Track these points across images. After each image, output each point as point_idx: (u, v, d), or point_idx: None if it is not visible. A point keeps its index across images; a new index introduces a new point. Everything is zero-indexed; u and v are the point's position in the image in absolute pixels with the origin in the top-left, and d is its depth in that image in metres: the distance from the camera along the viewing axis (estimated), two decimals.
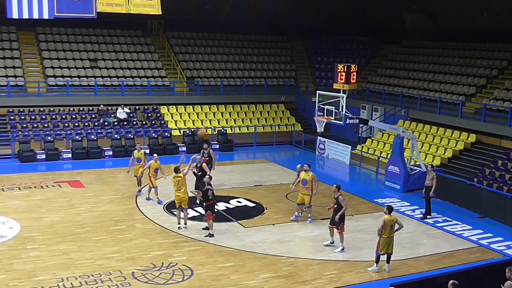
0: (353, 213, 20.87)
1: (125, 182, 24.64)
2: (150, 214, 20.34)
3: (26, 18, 24.76)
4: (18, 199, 21.68)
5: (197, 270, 15.57)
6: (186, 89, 36.55)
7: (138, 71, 35.96)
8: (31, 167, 27.06)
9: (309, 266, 16.31)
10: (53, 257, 16.14)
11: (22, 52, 34.87)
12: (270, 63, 40.45)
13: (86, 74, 34.56)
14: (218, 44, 40.20)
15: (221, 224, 19.58)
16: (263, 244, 17.76)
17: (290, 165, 27.86)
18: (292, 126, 35.57)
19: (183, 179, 18.85)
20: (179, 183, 18.71)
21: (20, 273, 14.99)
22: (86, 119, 32.20)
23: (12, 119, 30.83)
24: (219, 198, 22.31)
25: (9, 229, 18.32)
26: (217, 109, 35.57)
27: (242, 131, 34.35)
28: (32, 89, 32.82)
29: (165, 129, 32.60)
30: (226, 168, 28.26)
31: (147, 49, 37.93)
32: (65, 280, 14.64)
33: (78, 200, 21.87)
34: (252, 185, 24.95)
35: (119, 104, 32.78)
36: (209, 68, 38.25)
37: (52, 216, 19.76)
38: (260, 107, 36.86)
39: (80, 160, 28.51)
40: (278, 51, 41.87)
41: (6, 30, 35.49)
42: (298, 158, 27.52)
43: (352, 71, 24.96)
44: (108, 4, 25.28)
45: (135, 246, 17.16)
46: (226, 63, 39.02)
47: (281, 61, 41.22)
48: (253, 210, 21.38)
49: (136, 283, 14.69)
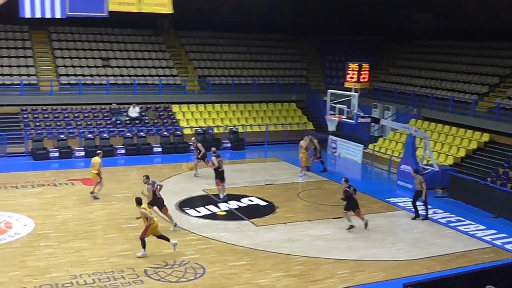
0: (365, 212, 20.82)
1: (137, 181, 24.69)
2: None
3: (39, 17, 24.96)
4: (32, 197, 21.83)
5: (209, 268, 15.60)
6: (198, 87, 36.62)
7: (150, 70, 36.07)
8: (44, 165, 27.22)
9: (320, 265, 16.30)
10: (66, 254, 16.23)
11: (35, 51, 35.06)
12: (281, 61, 40.42)
13: (98, 72, 34.71)
14: (229, 43, 40.20)
15: (233, 222, 19.60)
16: (274, 243, 17.76)
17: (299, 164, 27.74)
18: (304, 125, 35.55)
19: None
20: None
21: (34, 270, 15.09)
22: (98, 118, 32.35)
23: (25, 117, 31.03)
24: (231, 196, 22.39)
25: (23, 226, 18.45)
26: (229, 108, 35.62)
27: (254, 130, 34.37)
28: (45, 87, 33.02)
29: (176, 127, 32.69)
30: (237, 167, 28.27)
31: (158, 48, 38.02)
32: (78, 277, 14.72)
33: (91, 198, 21.95)
34: (263, 184, 24.96)
35: (131, 103, 32.90)
36: (220, 67, 38.28)
37: (65, 213, 19.88)
38: (271, 105, 36.87)
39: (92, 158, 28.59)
40: (289, 50, 41.84)
41: (19, 29, 35.70)
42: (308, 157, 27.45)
43: (363, 70, 24.93)
44: (120, 3, 25.37)
45: (147, 244, 17.18)
46: (237, 62, 39.03)
47: (292, 59, 41.19)
48: (265, 209, 21.38)
49: (149, 280, 14.74)
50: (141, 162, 28.40)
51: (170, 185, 24.04)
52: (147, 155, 29.95)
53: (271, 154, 31.71)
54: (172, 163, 28.50)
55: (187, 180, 25.13)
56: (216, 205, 21.29)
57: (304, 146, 26.12)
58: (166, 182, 24.67)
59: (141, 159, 29.13)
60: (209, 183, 24.45)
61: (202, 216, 20.08)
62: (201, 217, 19.98)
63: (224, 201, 21.69)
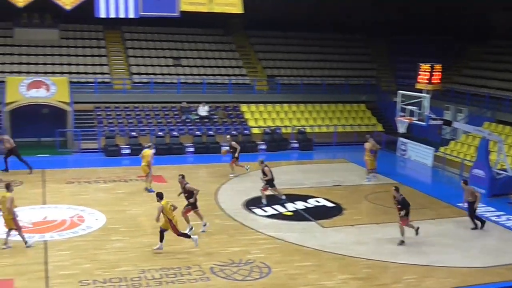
0: (434, 217, 20.37)
1: (205, 178, 25.04)
2: (229, 210, 20.55)
3: (113, 17, 25.65)
4: (103, 192, 22.44)
5: (274, 268, 15.59)
6: (266, 87, 36.72)
7: (220, 69, 36.46)
8: (116, 161, 27.93)
9: (387, 269, 16.02)
10: (135, 249, 16.59)
11: (108, 50, 36.07)
12: (351, 61, 40.02)
13: (169, 71, 35.36)
14: (299, 42, 40.11)
15: (299, 223, 19.54)
16: (341, 245, 17.58)
17: None
18: (373, 126, 35.08)
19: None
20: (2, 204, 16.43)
21: (105, 263, 15.48)
22: (168, 116, 32.93)
23: (98, 114, 31.94)
24: (298, 197, 22.33)
25: (95, 220, 18.99)
26: (297, 108, 35.56)
27: (322, 130, 34.17)
28: (117, 86, 33.93)
29: (245, 126, 32.89)
30: (304, 167, 28.18)
31: (228, 48, 38.37)
32: (147, 272, 15.00)
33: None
34: (331, 185, 24.75)
35: (201, 102, 33.32)
36: (289, 66, 38.27)
37: (135, 209, 20.32)
38: (340, 106, 36.57)
39: (163, 155, 29.16)
40: (360, 49, 41.40)
41: (93, 29, 36.82)
42: (378, 159, 27.04)
43: (436, 70, 24.38)
44: (191, 3, 25.77)
45: (214, 242, 17.38)
46: (307, 62, 38.90)
47: (363, 59, 40.72)
48: (332, 210, 21.21)
49: (215, 278, 14.87)
50: (209, 160, 28.73)
51: (238, 184, 24.23)
52: (216, 153, 30.24)
53: (339, 155, 31.43)
54: (239, 161, 28.63)
55: (254, 179, 25.19)
56: (282, 205, 21.27)
57: (368, 148, 25.66)
58: (234, 180, 24.90)
59: (210, 157, 29.45)
60: (276, 182, 24.44)
61: (268, 216, 20.10)
62: (268, 217, 20.00)
63: (266, 205, 21.14)
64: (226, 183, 24.15)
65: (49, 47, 35.14)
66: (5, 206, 16.20)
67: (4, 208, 16.23)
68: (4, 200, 16.25)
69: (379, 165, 26.20)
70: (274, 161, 29.52)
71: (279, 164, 28.83)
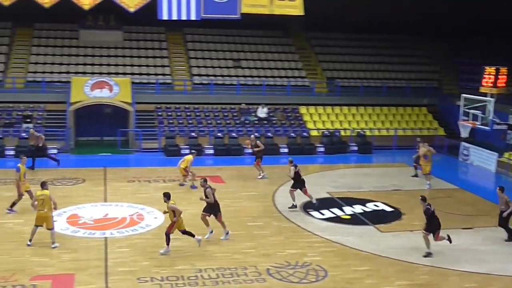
0: (497, 224, 19.76)
1: (264, 180, 25.08)
2: (287, 212, 20.51)
3: (175, 19, 26.02)
4: (163, 191, 22.69)
5: (331, 272, 15.46)
6: (326, 89, 36.52)
7: (279, 71, 36.49)
8: (176, 161, 28.12)
9: (447, 276, 15.64)
10: (192, 248, 16.74)
11: (170, 51, 36.65)
12: (413, 64, 39.37)
13: (229, 73, 35.64)
14: (359, 44, 39.74)
15: (357, 227, 19.33)
16: (399, 250, 17.28)
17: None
18: (435, 130, 34.38)
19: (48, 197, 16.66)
20: (44, 202, 16.55)
21: (162, 261, 15.70)
22: (228, 117, 33.18)
23: (159, 115, 32.48)
24: (356, 200, 22.09)
25: (154, 218, 19.30)
26: (357, 111, 35.21)
27: (382, 134, 33.72)
28: (178, 87, 34.44)
29: (303, 129, 32.80)
30: (363, 171, 27.89)
31: (288, 50, 38.37)
32: (203, 271, 15.13)
33: (218, 195, 22.22)
34: (390, 189, 24.39)
35: (260, 103, 33.43)
36: (349, 69, 37.95)
37: (192, 209, 20.46)
38: (400, 109, 36.00)
39: (221, 156, 29.40)
40: (421, 51, 40.62)
41: (156, 31, 37.48)
42: (439, 164, 26.51)
43: (501, 74, 23.71)
44: (252, 5, 25.86)
45: (270, 243, 17.39)
46: (367, 64, 38.50)
47: (424, 62, 39.98)
48: (390, 215, 20.88)
49: (271, 279, 14.86)
50: (267, 162, 28.71)
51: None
52: (274, 155, 30.27)
53: (399, 159, 30.91)
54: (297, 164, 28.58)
55: (312, 182, 25.09)
56: (340, 209, 21.10)
57: (422, 154, 25.05)
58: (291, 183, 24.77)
59: (268, 159, 29.44)
60: (334, 186, 24.34)
61: (326, 219, 19.97)
62: (325, 220, 19.87)
63: (293, 207, 20.80)
64: (284, 184, 24.10)
65: (113, 48, 36.00)
66: (49, 204, 16.38)
67: (48, 205, 16.39)
68: (45, 197, 16.40)
69: (441, 170, 25.72)
70: (332, 164, 29.40)
71: (337, 167, 28.66)
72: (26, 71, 33.70)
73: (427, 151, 24.75)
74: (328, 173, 26.95)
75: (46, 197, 16.41)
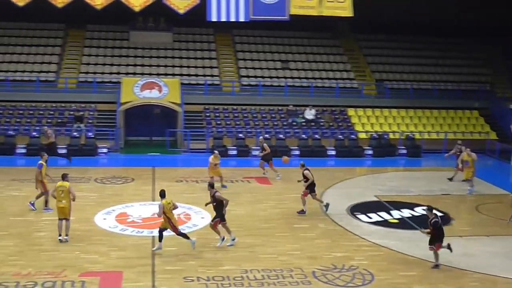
0: None
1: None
2: (333, 215, 20.35)
3: (224, 21, 26.18)
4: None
5: (378, 276, 15.25)
6: (375, 92, 36.15)
7: (327, 72, 36.31)
8: (223, 162, 28.26)
9: (498, 284, 15.23)
10: (238, 248, 16.78)
11: (218, 53, 36.88)
12: (464, 66, 38.60)
13: (277, 74, 35.65)
14: (409, 46, 39.20)
15: (405, 231, 19.04)
16: (448, 256, 16.91)
17: (481, 175, 26.11)
18: (486, 134, 33.62)
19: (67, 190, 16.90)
20: (63, 193, 16.81)
21: (208, 261, 15.77)
22: (275, 119, 33.18)
23: (207, 116, 32.71)
24: (404, 204, 21.77)
25: (201, 218, 19.42)
26: (406, 113, 34.74)
27: (431, 137, 33.16)
28: (226, 88, 34.61)
29: (351, 131, 32.53)
30: (412, 174, 27.50)
31: (336, 51, 38.15)
32: (249, 272, 15.13)
33: (264, 196, 22.56)
34: (439, 194, 23.95)
35: (308, 105, 33.32)
36: (398, 71, 37.50)
37: (239, 209, 20.57)
38: (451, 112, 35.33)
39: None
40: (472, 53, 39.75)
41: (205, 32, 37.78)
42: (490, 168, 25.88)
43: None
44: (301, 6, 25.81)
45: (316, 246, 17.28)
46: (417, 66, 37.95)
47: (476, 64, 39.13)
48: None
49: (316, 282, 14.76)
50: (314, 164, 28.42)
51: (343, 189, 24.00)
52: (321, 157, 30.14)
53: (449, 163, 30.23)
54: (345, 166, 28.45)
55: (360, 185, 24.91)
56: (388, 212, 20.83)
57: (464, 159, 24.41)
58: (339, 185, 24.66)
59: (315, 161, 29.33)
60: (382, 189, 24.05)
61: (373, 222, 19.74)
62: (372, 223, 19.64)
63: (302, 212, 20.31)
64: (331, 187, 23.96)
65: (163, 49, 36.44)
66: (67, 196, 16.65)
67: (67, 197, 16.66)
68: (64, 189, 16.68)
69: (492, 175, 25.14)
70: (380, 167, 29.06)
71: (385, 170, 28.33)
72: (78, 72, 34.45)
73: (467, 157, 24.14)
74: (376, 176, 26.65)
75: (66, 189, 16.72)
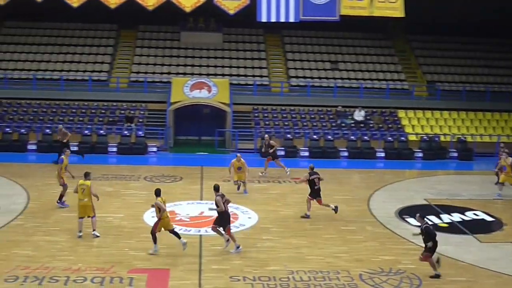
0: None
1: (358, 184, 24.83)
2: (381, 218, 20.13)
3: (274, 21, 26.21)
4: (258, 192, 22.97)
5: (425, 281, 15.00)
6: (426, 93, 35.59)
7: (377, 73, 35.93)
8: (271, 162, 28.40)
9: None
10: (285, 249, 16.77)
11: (268, 53, 36.94)
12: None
13: (326, 75, 35.48)
14: (462, 47, 38.42)
15: (455, 236, 18.69)
16: (500, 262, 16.54)
17: None
18: None
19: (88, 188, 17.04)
20: (84, 192, 17.00)
21: (254, 261, 15.80)
22: (324, 120, 33.02)
23: (256, 116, 32.80)
24: (454, 208, 21.36)
25: (248, 218, 19.49)
26: (458, 116, 34.07)
27: (484, 140, 32.41)
28: (275, 88, 34.63)
29: (401, 133, 32.10)
30: (463, 178, 26.97)
31: (387, 52, 37.72)
32: (295, 273, 15.09)
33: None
34: (491, 198, 23.41)
35: (357, 106, 33.04)
36: (451, 72, 36.81)
37: (286, 210, 20.57)
38: (505, 115, 34.44)
39: (316, 159, 29.26)
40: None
41: (254, 33, 37.91)
42: None
43: None
44: (352, 7, 25.65)
45: (364, 248, 17.12)
46: (470, 68, 37.17)
47: None
48: (491, 225, 20.04)
49: (363, 285, 14.61)
50: (363, 166, 28.43)
51: (391, 191, 23.72)
52: (370, 159, 29.84)
53: None
54: (394, 169, 28.10)
55: (409, 188, 24.56)
56: (438, 216, 20.47)
57: (503, 165, 23.63)
58: (388, 188, 24.37)
59: (364, 162, 29.15)
60: (432, 192, 23.66)
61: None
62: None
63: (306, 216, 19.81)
64: (380, 189, 23.71)
65: (212, 50, 36.73)
66: (89, 193, 16.88)
67: (88, 195, 16.88)
68: (85, 187, 16.91)
69: None
70: (430, 170, 28.62)
71: (435, 173, 27.87)
72: (130, 72, 35.04)
73: (504, 162, 23.38)
74: (426, 179, 26.24)
75: (87, 187, 16.99)
